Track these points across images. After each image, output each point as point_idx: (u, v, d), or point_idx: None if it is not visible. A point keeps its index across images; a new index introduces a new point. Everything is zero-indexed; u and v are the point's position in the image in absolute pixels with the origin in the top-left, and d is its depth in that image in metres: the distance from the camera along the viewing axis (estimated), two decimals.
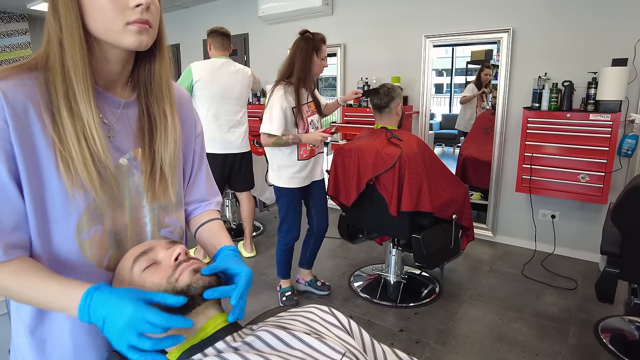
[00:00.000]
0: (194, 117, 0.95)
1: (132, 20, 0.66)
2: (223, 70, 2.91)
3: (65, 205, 0.70)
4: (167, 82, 0.81)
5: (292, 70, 2.32)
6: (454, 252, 2.57)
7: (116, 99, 0.78)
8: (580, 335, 2.24)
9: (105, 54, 0.72)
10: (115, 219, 0.77)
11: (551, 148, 2.94)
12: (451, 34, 3.48)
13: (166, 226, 0.86)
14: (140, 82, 0.80)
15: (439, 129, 7.05)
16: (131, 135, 0.79)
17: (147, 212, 0.82)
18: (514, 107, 3.29)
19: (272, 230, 3.91)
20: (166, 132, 0.80)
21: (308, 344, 0.69)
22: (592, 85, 2.77)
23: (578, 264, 3.12)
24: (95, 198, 0.71)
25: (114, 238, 0.78)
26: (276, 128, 2.23)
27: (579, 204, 3.11)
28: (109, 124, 0.76)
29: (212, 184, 1.02)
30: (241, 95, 3.01)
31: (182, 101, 0.92)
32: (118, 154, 0.77)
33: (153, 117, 0.80)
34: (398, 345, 2.19)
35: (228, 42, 3.00)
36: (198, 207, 0.98)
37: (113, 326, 0.61)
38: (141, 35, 0.68)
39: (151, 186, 0.80)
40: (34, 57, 0.70)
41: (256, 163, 3.46)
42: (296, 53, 2.32)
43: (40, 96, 0.67)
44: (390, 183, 2.26)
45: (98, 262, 0.76)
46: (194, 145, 0.95)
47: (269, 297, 2.71)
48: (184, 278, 0.71)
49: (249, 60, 4.99)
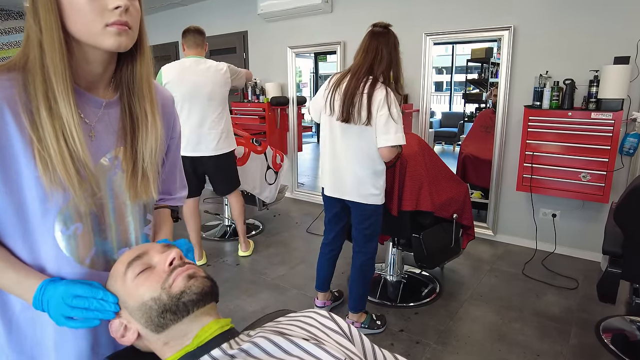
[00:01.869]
0: (174, 117, 0.97)
1: (111, 22, 0.67)
2: (192, 69, 2.77)
3: (44, 202, 0.71)
4: (148, 82, 0.82)
5: (389, 69, 1.97)
6: (454, 252, 2.56)
7: (97, 99, 0.78)
8: (581, 336, 2.23)
9: (86, 55, 0.72)
10: (98, 217, 0.78)
11: (552, 147, 2.92)
12: (452, 31, 3.45)
13: (147, 223, 0.89)
14: (122, 82, 0.81)
15: (439, 127, 7.05)
16: (113, 135, 0.80)
17: (130, 211, 0.83)
18: (515, 105, 3.27)
19: (272, 229, 3.90)
20: (147, 131, 0.81)
21: (306, 350, 0.67)
22: (594, 84, 2.74)
23: (579, 263, 3.10)
24: (74, 196, 0.72)
25: (98, 236, 0.79)
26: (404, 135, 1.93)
27: (580, 203, 3.10)
28: (90, 123, 0.77)
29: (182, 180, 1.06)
30: (213, 93, 2.81)
31: (165, 102, 0.93)
32: (99, 153, 0.78)
33: (135, 117, 0.81)
34: (398, 346, 2.17)
35: (201, 39, 2.85)
36: (161, 199, 1.02)
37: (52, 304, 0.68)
38: (120, 37, 0.69)
39: (133, 185, 0.81)
40: (13, 58, 0.70)
41: (255, 161, 3.43)
42: (393, 52, 1.97)
43: (18, 96, 0.68)
44: (390, 182, 2.24)
45: (79, 259, 0.77)
46: (169, 144, 0.96)
47: (269, 296, 2.69)
48: (178, 284, 0.70)
49: (249, 58, 4.97)
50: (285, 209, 4.48)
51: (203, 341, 0.70)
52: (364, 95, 1.91)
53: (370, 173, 2.01)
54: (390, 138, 1.89)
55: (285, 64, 4.62)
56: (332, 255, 2.35)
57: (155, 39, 5.71)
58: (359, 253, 2.19)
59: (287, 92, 4.69)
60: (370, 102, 1.90)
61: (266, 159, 3.54)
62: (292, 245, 3.52)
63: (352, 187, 2.06)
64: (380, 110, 1.89)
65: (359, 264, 2.19)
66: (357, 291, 2.22)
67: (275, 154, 3.64)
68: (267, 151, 3.55)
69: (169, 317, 0.68)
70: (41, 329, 0.78)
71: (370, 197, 2.04)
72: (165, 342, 0.71)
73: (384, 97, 1.89)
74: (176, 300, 0.69)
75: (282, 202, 4.50)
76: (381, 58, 1.94)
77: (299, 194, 4.84)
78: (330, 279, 2.41)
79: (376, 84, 1.93)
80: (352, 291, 2.24)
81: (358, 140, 1.98)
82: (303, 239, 3.65)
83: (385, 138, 1.90)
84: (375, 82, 1.93)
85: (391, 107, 1.88)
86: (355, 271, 2.21)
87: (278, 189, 3.70)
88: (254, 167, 3.43)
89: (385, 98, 1.89)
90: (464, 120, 6.56)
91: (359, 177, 2.02)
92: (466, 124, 6.40)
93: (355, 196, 2.06)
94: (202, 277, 0.72)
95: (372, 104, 1.90)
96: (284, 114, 4.74)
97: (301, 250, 3.39)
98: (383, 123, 1.89)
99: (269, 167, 3.57)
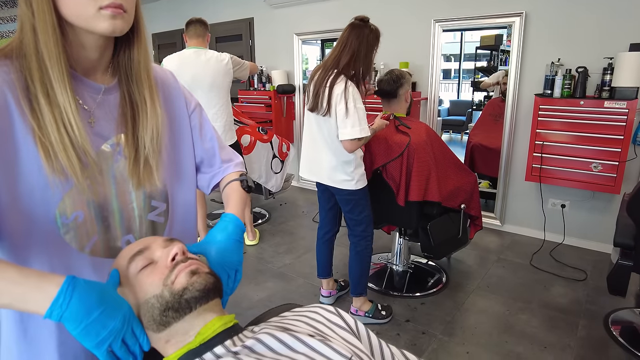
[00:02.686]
0: (183, 95, 0.94)
1: (105, 4, 0.64)
2: (191, 60, 2.73)
3: (45, 190, 0.69)
4: (146, 67, 0.79)
5: (353, 63, 1.97)
6: (461, 242, 2.53)
7: (96, 84, 0.76)
8: (589, 328, 2.21)
9: (81, 40, 0.70)
10: (101, 205, 0.77)
11: (563, 136, 2.86)
12: (461, 18, 3.37)
13: (153, 209, 0.86)
14: (120, 67, 0.79)
15: (447, 115, 6.96)
16: (113, 122, 0.78)
17: (134, 198, 0.82)
18: (525, 93, 3.20)
19: (278, 217, 3.89)
20: (147, 118, 0.79)
21: (312, 347, 0.66)
22: (608, 71, 2.67)
23: (588, 254, 3.07)
24: (77, 183, 0.70)
25: (101, 223, 0.77)
26: (367, 128, 1.96)
27: (590, 194, 3.05)
28: (90, 110, 0.75)
29: (225, 148, 1.03)
30: (214, 85, 2.76)
31: (167, 83, 0.91)
32: (100, 140, 0.76)
33: (135, 103, 0.79)
34: (404, 336, 2.17)
35: (202, 30, 2.81)
36: (216, 173, 0.99)
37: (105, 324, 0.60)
38: (115, 20, 0.66)
39: (135, 172, 0.79)
40: (9, 43, 0.68)
41: (261, 150, 3.41)
42: (361, 46, 1.97)
43: (17, 83, 0.66)
44: (398, 172, 2.21)
45: (79, 247, 0.75)
46: (190, 122, 0.94)
47: (275, 285, 2.69)
48: (180, 280, 0.68)
49: (254, 45, 4.91)
50: (291, 198, 4.47)
51: (206, 338, 0.68)
52: (326, 87, 1.98)
53: (340, 161, 2.07)
54: (346, 132, 1.94)
55: (291, 52, 4.57)
56: (326, 239, 2.42)
57: (160, 26, 5.66)
58: (350, 236, 2.27)
59: (294, 79, 4.64)
60: (330, 95, 1.96)
61: (272, 148, 3.51)
62: (298, 234, 3.51)
63: (326, 172, 2.14)
64: (338, 105, 1.94)
65: (352, 248, 2.27)
66: (353, 274, 2.28)
67: (282, 142, 3.61)
68: (273, 140, 3.52)
69: (171, 314, 0.67)
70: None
71: (343, 183, 2.10)
72: (167, 340, 0.69)
73: (342, 91, 1.93)
74: (178, 297, 0.67)
75: (288, 191, 4.49)
76: (348, 51, 1.97)
77: (305, 182, 4.82)
78: (330, 265, 2.44)
79: (338, 77, 1.97)
80: (350, 275, 2.31)
81: (326, 129, 2.06)
82: (309, 228, 3.64)
83: (342, 132, 1.96)
84: (338, 75, 1.97)
85: (348, 102, 1.92)
86: (350, 255, 2.29)
87: (284, 177, 3.68)
88: (260, 156, 3.41)
89: (343, 93, 1.93)
90: (473, 108, 6.47)
91: (331, 163, 2.10)
92: (475, 112, 6.31)
93: (329, 181, 2.14)
94: (205, 273, 0.70)
95: (332, 97, 1.96)
96: (290, 102, 4.70)
97: (307, 239, 3.39)
98: (341, 118, 1.94)
99: (275, 155, 3.54)
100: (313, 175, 2.24)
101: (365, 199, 2.17)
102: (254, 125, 3.46)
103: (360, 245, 2.23)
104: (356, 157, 2.08)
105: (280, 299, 2.55)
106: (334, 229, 2.42)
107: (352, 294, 2.32)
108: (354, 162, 2.08)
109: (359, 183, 2.10)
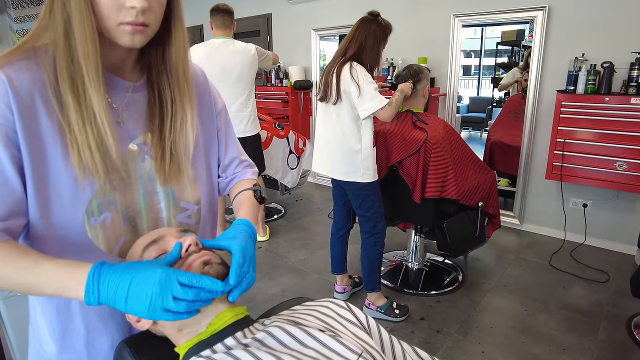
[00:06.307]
0: (212, 95, 0.92)
1: (125, 21, 0.63)
2: (220, 51, 2.75)
3: (73, 191, 0.68)
4: (183, 67, 0.77)
5: (360, 55, 2.02)
6: (479, 241, 2.49)
7: (125, 82, 0.75)
8: (611, 331, 2.15)
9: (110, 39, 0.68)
10: (128, 205, 0.75)
11: (586, 133, 2.78)
12: (482, 12, 3.31)
13: (182, 211, 0.84)
14: (151, 65, 0.77)
15: (466, 112, 6.86)
16: (140, 120, 0.77)
17: (162, 198, 0.80)
18: (547, 90, 3.12)
19: (294, 213, 3.90)
20: (176, 118, 0.77)
21: (322, 342, 0.65)
22: (635, 67, 2.58)
23: (610, 255, 2.98)
24: (104, 184, 0.70)
25: (128, 224, 0.76)
26: (384, 99, 1.96)
27: (613, 193, 2.96)
28: (118, 108, 0.74)
29: (244, 153, 1.02)
30: (242, 76, 2.80)
31: (197, 81, 0.88)
32: (128, 139, 0.75)
33: (164, 101, 0.77)
34: (418, 334, 2.15)
35: (229, 20, 2.81)
36: (233, 178, 0.98)
37: (143, 294, 0.59)
38: (134, 36, 0.65)
39: (162, 171, 0.77)
40: (27, 39, 0.66)
41: (277, 146, 3.42)
42: (368, 38, 2.01)
43: (47, 80, 0.65)
44: (414, 169, 2.19)
45: (108, 249, 0.74)
46: (216, 124, 0.93)
47: (289, 280, 2.70)
48: (193, 269, 0.68)
49: (272, 41, 4.92)
50: (307, 194, 4.47)
51: (217, 329, 0.68)
52: (333, 75, 2.02)
53: (346, 150, 2.08)
54: (367, 107, 1.96)
55: (309, 47, 4.56)
56: (339, 235, 2.41)
57: None
58: (361, 232, 2.27)
59: (311, 75, 4.63)
60: (338, 81, 2.00)
61: (288, 144, 3.52)
62: (314, 230, 3.52)
63: (334, 165, 2.15)
64: (350, 87, 1.97)
65: (362, 243, 2.28)
66: (364, 271, 2.28)
67: (298, 138, 3.62)
68: (289, 135, 3.53)
69: None
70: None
71: (348, 175, 2.10)
72: (180, 329, 0.70)
73: (349, 72, 1.97)
74: None
75: (304, 187, 4.49)
76: (355, 43, 2.01)
77: (320, 179, 4.81)
78: (344, 261, 2.44)
79: (344, 64, 2.01)
80: (362, 271, 2.31)
81: (336, 118, 2.09)
82: (324, 224, 3.64)
83: (363, 108, 1.97)
84: (344, 63, 2.02)
85: (359, 80, 1.95)
86: (361, 251, 2.29)
87: (300, 173, 3.69)
88: (276, 152, 3.42)
89: (350, 72, 1.97)
90: (493, 105, 6.34)
91: (337, 155, 2.11)
92: (494, 109, 6.19)
93: (337, 173, 2.15)
94: (218, 264, 0.70)
95: (340, 82, 2.00)
96: (307, 98, 4.70)
97: (322, 235, 3.39)
98: (356, 96, 1.96)
99: (291, 151, 3.55)
100: (322, 168, 2.25)
101: (375, 194, 2.16)
102: (271, 121, 3.47)
103: (368, 242, 2.23)
104: (366, 147, 2.08)
105: (294, 293, 2.55)
106: (347, 225, 2.42)
107: (365, 289, 2.32)
108: (363, 152, 2.07)
109: (365, 176, 2.09)
